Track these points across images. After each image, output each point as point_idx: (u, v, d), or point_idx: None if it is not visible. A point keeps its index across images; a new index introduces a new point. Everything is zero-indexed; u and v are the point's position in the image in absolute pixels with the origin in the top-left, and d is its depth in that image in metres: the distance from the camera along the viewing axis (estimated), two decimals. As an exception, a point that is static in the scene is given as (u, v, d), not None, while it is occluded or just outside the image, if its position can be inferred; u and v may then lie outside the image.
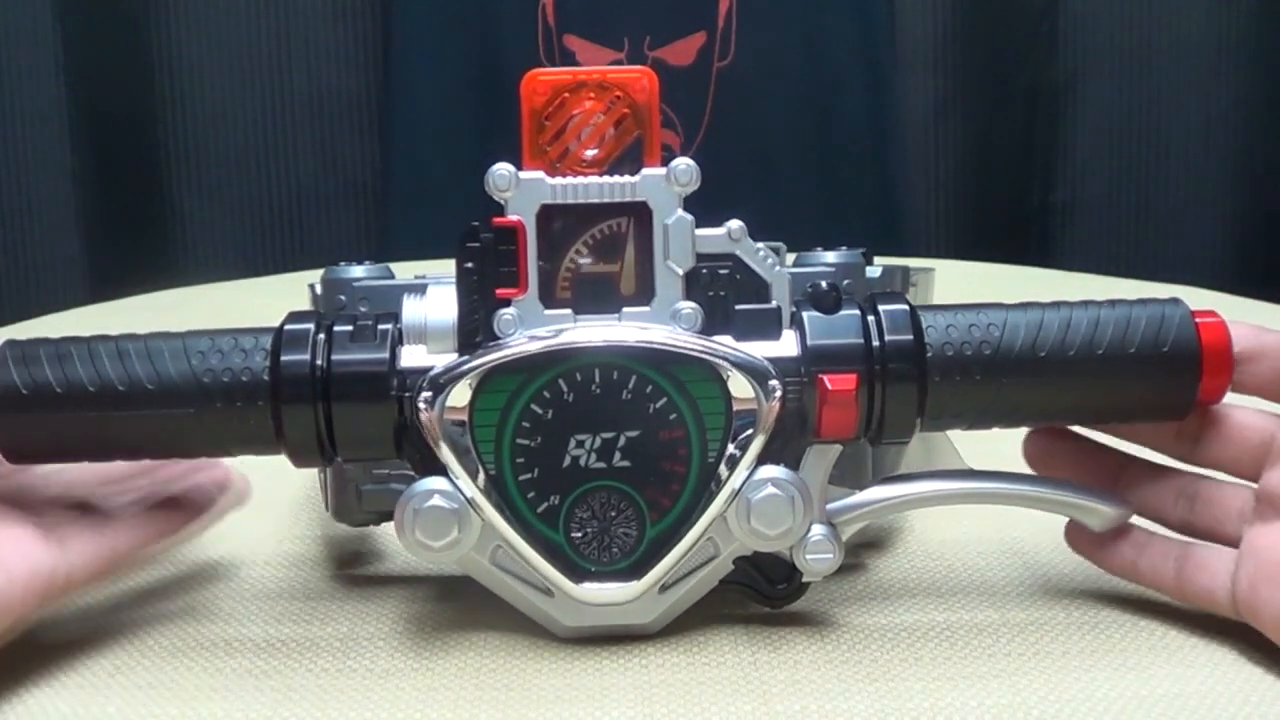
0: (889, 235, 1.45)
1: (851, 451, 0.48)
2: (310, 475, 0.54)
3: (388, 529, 0.54)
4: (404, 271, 0.51)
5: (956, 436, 0.52)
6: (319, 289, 0.51)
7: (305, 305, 0.50)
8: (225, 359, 0.45)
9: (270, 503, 0.58)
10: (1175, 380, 0.46)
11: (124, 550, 0.48)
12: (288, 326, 0.46)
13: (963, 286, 0.57)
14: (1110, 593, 0.50)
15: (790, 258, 0.51)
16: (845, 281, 0.48)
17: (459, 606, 0.50)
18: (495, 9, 1.42)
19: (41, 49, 1.41)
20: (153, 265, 1.43)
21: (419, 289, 0.47)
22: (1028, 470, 0.50)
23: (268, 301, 0.50)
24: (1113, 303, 0.47)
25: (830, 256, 0.50)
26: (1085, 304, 0.47)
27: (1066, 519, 0.49)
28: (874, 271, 0.51)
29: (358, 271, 0.51)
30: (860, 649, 0.46)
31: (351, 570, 0.54)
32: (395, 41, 1.43)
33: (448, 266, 0.46)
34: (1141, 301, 0.47)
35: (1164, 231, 1.53)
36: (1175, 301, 0.47)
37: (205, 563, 0.54)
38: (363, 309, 0.49)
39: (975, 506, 0.48)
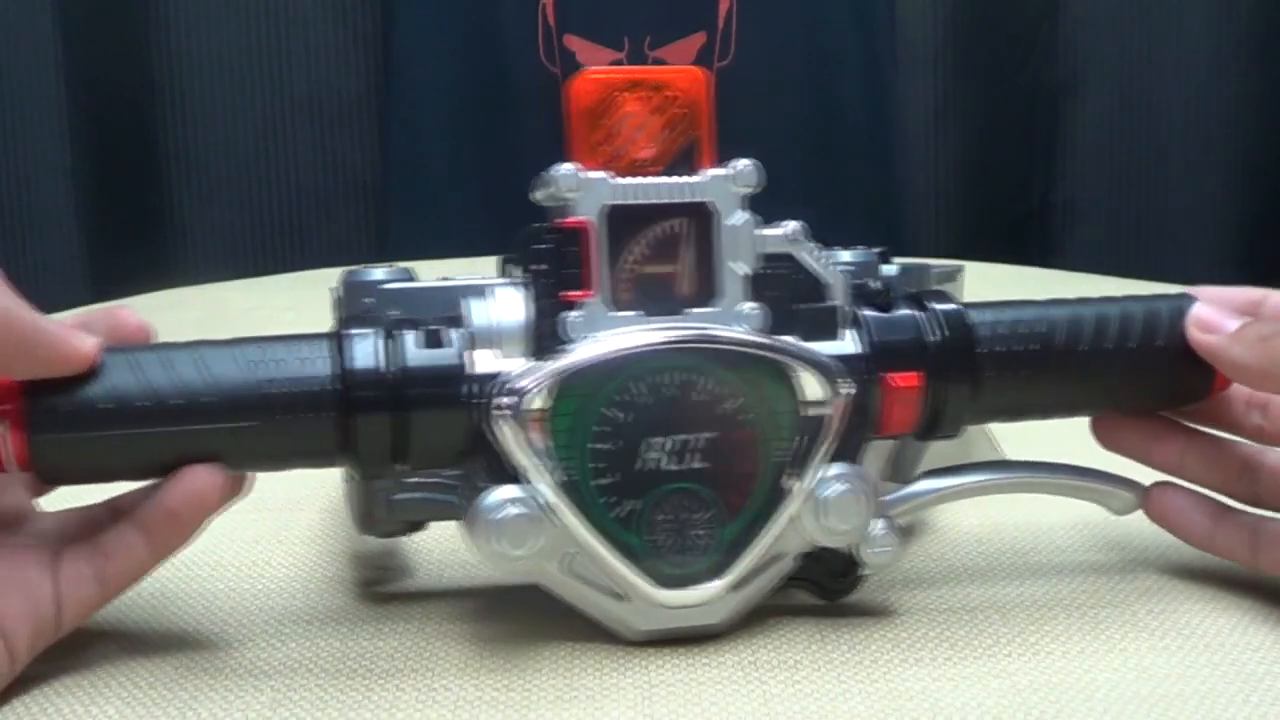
0: (889, 235, 1.45)
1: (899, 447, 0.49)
2: (323, 482, 0.54)
3: (408, 541, 0.54)
4: (420, 273, 0.49)
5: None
6: (341, 292, 0.49)
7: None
8: (282, 367, 0.43)
9: (279, 504, 0.58)
10: (1196, 368, 0.48)
11: (120, 586, 0.45)
12: (350, 333, 0.44)
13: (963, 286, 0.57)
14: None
15: None
16: (863, 280, 0.48)
17: (468, 612, 0.50)
18: (495, 9, 1.42)
19: (41, 49, 1.41)
20: (153, 265, 1.43)
21: (479, 291, 0.46)
22: (1041, 458, 0.51)
23: (267, 301, 0.50)
24: (1133, 298, 0.49)
25: (846, 255, 0.50)
26: (1108, 300, 0.49)
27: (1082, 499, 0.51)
28: (890, 269, 0.51)
29: (379, 274, 0.49)
30: (860, 649, 0.46)
31: (371, 588, 0.54)
32: (395, 41, 1.43)
33: (466, 267, 0.45)
34: (1158, 296, 0.49)
35: (1164, 231, 1.53)
36: (1187, 296, 0.49)
37: (204, 562, 0.54)
38: (393, 313, 0.46)
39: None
